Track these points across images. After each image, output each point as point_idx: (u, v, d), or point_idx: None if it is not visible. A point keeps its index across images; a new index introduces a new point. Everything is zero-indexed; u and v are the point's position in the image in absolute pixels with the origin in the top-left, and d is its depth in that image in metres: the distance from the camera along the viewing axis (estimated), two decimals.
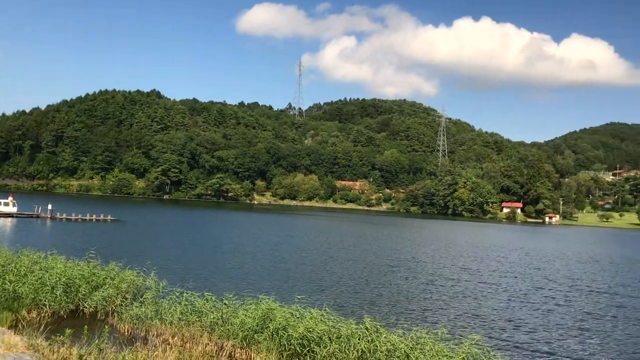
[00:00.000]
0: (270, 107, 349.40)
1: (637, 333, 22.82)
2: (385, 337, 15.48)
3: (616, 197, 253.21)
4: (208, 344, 16.58)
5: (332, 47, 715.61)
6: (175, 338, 17.17)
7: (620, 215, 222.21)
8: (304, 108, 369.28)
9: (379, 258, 47.37)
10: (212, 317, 17.40)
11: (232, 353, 16.23)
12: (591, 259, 60.02)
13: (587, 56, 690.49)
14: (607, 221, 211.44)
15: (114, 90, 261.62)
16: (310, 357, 15.08)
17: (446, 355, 14.80)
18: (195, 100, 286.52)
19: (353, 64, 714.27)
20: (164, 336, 17.37)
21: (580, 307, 28.27)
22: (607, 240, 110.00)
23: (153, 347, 14.96)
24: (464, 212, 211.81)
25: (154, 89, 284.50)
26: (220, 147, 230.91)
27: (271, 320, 16.15)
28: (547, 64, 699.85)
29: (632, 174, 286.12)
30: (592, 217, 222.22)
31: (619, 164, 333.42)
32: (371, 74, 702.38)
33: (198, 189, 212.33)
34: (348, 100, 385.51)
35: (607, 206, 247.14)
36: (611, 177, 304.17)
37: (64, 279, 20.81)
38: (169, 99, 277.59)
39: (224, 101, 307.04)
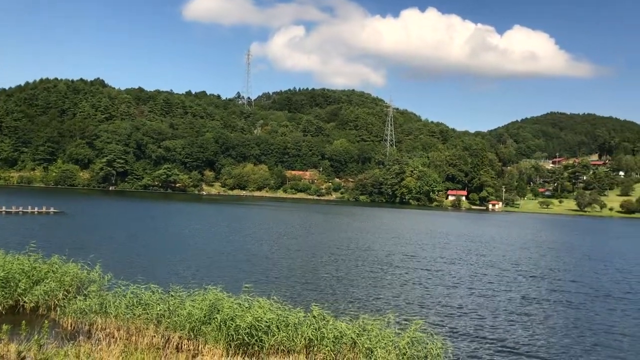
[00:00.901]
0: (219, 97, 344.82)
1: (576, 316, 23.86)
2: (332, 324, 15.69)
3: (555, 184, 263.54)
4: (154, 336, 16.39)
5: (281, 36, 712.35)
6: (121, 331, 16.88)
7: (560, 202, 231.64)
8: (253, 97, 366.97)
9: (328, 247, 47.77)
10: (158, 309, 17.17)
11: (180, 345, 16.11)
12: (532, 244, 62.30)
13: (529, 47, 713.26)
14: (547, 207, 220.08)
15: (56, 79, 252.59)
16: (258, 347, 15.15)
17: (392, 340, 15.15)
18: (140, 89, 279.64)
19: (302, 54, 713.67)
20: (108, 330, 17.06)
21: (522, 292, 29.34)
22: (547, 226, 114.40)
23: (97, 341, 14.68)
24: (411, 201, 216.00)
25: (98, 78, 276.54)
26: (167, 137, 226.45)
27: (219, 310, 16.08)
28: (491, 54, 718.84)
29: (570, 162, 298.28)
30: (533, 204, 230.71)
31: (558, 152, 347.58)
32: (320, 64, 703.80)
33: (145, 179, 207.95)
34: (297, 90, 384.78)
35: (547, 193, 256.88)
36: (551, 165, 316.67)
37: (2, 274, 20.04)
38: (114, 88, 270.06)
39: (171, 90, 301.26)
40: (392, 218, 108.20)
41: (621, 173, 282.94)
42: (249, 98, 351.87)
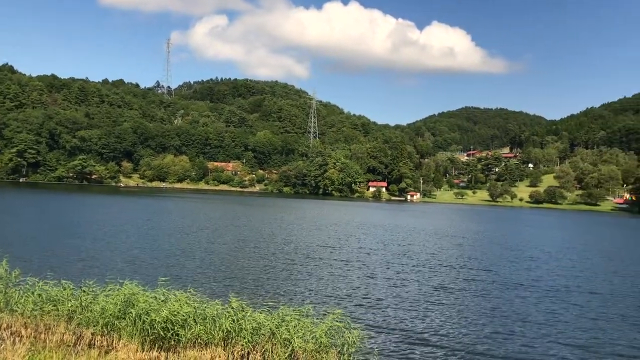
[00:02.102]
0: (137, 85, 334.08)
1: (490, 305, 24.84)
2: (251, 315, 15.73)
3: (470, 176, 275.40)
4: (65, 333, 15.77)
5: (203, 25, 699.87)
6: (29, 329, 16.10)
7: (474, 193, 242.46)
8: (174, 87, 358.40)
9: (249, 239, 47.59)
10: (69, 305, 16.52)
11: (92, 341, 15.59)
12: (448, 234, 64.82)
13: (447, 44, 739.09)
14: (462, 198, 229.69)
15: None
16: (174, 341, 14.96)
17: (310, 330, 15.39)
18: (54, 77, 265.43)
19: (225, 44, 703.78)
20: (14, 328, 16.22)
21: (438, 281, 30.30)
22: (462, 215, 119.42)
23: (1, 341, 13.96)
24: (333, 192, 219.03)
25: (6, 63, 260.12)
26: (82, 127, 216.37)
27: (133, 305, 15.71)
28: (411, 50, 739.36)
29: (483, 154, 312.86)
30: (448, 195, 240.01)
31: (472, 145, 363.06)
32: (243, 54, 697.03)
33: (58, 171, 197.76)
34: (220, 80, 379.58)
35: (462, 184, 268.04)
36: (466, 157, 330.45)
37: None
38: (24, 75, 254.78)
39: (86, 78, 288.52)
40: (315, 209, 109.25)
41: (530, 165, 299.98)
42: (169, 87, 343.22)
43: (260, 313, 16.05)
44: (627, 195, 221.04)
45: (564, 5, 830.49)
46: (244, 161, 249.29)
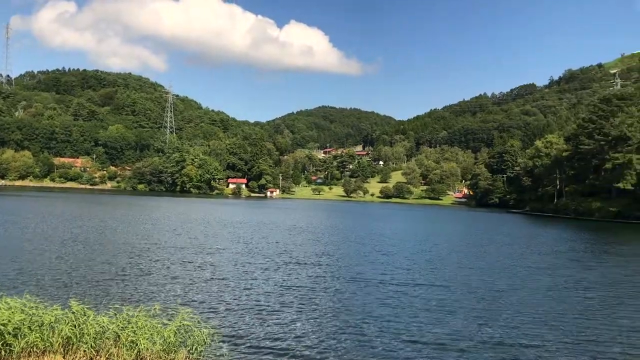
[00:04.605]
0: None
1: (337, 303, 25.36)
2: (94, 319, 15.20)
3: (326, 172, 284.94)
4: None
5: (48, 10, 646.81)
6: None
7: (330, 189, 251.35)
8: (14, 76, 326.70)
9: (94, 240, 45.09)
10: None
11: None
12: (302, 229, 66.30)
13: (306, 43, 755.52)
14: (319, 194, 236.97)
15: None
16: (5, 352, 14.03)
17: (158, 330, 15.22)
18: None
19: (73, 31, 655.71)
20: None
21: (287, 279, 30.08)
22: (318, 211, 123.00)
23: None
24: (192, 189, 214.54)
25: None
26: None
27: None
28: (271, 47, 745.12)
29: (339, 152, 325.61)
30: (306, 191, 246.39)
31: (328, 143, 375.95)
32: (94, 44, 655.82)
33: None
34: (67, 70, 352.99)
35: (319, 180, 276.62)
36: (322, 154, 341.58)
37: None
38: None
39: None
40: (170, 207, 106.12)
41: (381, 162, 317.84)
42: (8, 76, 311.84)
43: (104, 316, 15.56)
44: (465, 190, 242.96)
45: (412, 12, 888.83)
46: (95, 157, 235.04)
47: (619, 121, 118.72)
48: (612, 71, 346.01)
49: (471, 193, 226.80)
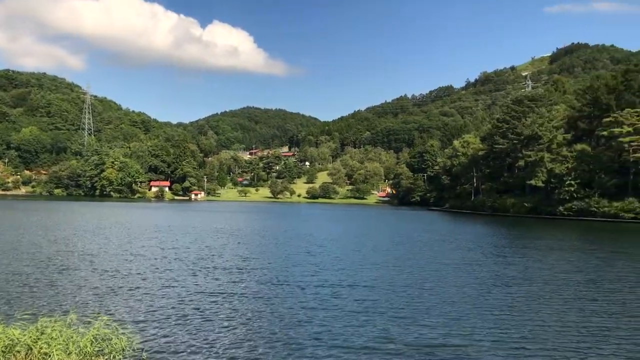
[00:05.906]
0: None
1: (263, 308, 25.18)
2: (2, 332, 14.53)
3: (252, 174, 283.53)
4: None
5: None
6: None
7: (256, 190, 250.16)
8: None
9: (5, 248, 42.73)
10: None
11: None
12: (226, 233, 65.54)
13: (230, 43, 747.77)
14: (245, 195, 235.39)
15: None
16: None
17: (74, 340, 14.75)
18: None
19: None
20: None
21: (209, 286, 28.98)
22: (244, 213, 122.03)
23: None
24: (112, 193, 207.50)
25: None
26: None
27: None
28: (194, 47, 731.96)
29: (265, 153, 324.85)
30: (232, 193, 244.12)
31: (254, 144, 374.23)
32: (5, 42, 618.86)
33: None
34: None
35: (245, 182, 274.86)
36: (248, 156, 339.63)
37: None
38: None
39: None
40: (87, 212, 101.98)
41: (307, 163, 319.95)
42: None
43: (15, 328, 14.90)
44: (388, 189, 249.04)
45: (336, 14, 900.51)
46: (7, 161, 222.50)
47: (531, 121, 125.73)
48: (524, 73, 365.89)
49: (394, 192, 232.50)
